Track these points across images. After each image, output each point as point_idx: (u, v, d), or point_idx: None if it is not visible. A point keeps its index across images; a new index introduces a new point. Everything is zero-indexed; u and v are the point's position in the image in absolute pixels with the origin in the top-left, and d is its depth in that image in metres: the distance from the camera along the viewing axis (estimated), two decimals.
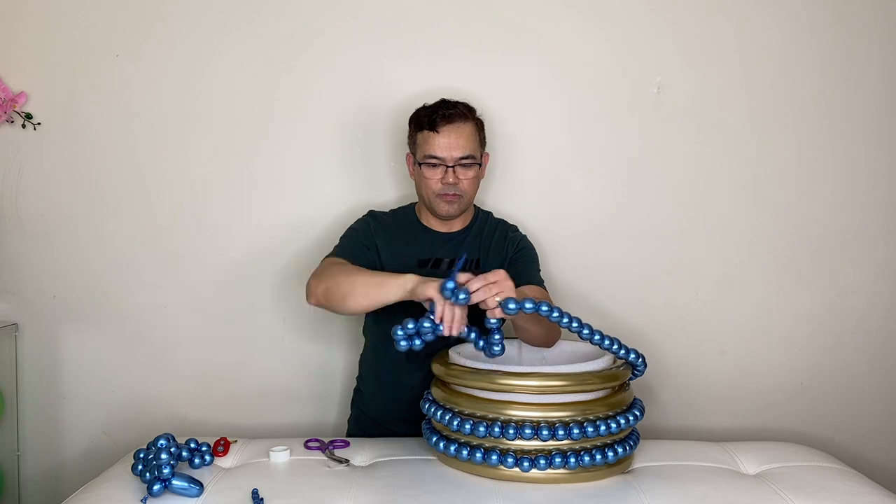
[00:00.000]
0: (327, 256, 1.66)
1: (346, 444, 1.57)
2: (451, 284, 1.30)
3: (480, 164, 1.70)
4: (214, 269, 2.01)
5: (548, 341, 1.61)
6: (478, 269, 1.71)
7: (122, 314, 2.00)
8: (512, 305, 1.29)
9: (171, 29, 1.95)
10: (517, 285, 1.45)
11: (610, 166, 2.02)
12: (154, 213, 1.99)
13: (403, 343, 1.34)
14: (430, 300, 1.34)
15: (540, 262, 1.77)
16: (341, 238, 1.72)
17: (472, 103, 1.97)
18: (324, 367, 2.02)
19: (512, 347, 1.63)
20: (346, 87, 1.97)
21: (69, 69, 1.96)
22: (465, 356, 1.47)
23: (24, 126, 1.95)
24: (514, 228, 1.82)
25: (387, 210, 1.82)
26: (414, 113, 1.71)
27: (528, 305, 1.29)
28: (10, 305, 2.00)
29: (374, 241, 1.70)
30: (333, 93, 1.97)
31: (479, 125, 1.71)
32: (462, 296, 1.30)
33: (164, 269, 2.00)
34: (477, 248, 1.74)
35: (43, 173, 1.98)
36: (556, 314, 1.33)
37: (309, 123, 1.98)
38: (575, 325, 1.36)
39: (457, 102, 1.68)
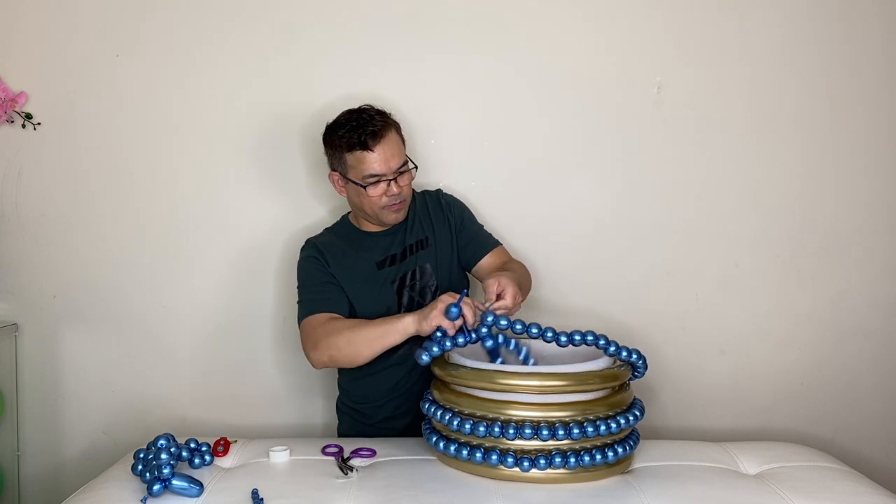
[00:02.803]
0: (302, 317, 1.64)
1: (373, 453, 1.52)
2: (455, 310, 1.42)
3: (416, 166, 1.69)
4: (215, 268, 2.01)
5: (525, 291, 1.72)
6: (424, 248, 1.73)
7: (122, 314, 2.01)
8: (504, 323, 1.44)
9: (171, 29, 1.95)
10: (480, 257, 1.75)
11: (610, 166, 2.02)
12: (154, 212, 1.99)
13: (426, 358, 1.44)
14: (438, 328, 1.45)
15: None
16: (301, 289, 1.69)
17: (471, 105, 1.99)
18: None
19: (512, 347, 1.64)
20: (339, 87, 1.97)
21: (69, 69, 1.96)
22: (465, 356, 1.47)
23: (24, 126, 1.95)
24: (440, 192, 1.85)
25: (320, 231, 1.80)
26: (332, 134, 1.65)
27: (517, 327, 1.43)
28: (10, 305, 2.00)
29: (327, 269, 1.69)
30: (323, 93, 1.97)
31: (398, 127, 1.68)
32: (490, 318, 1.43)
33: (164, 269, 2.00)
34: (421, 228, 1.76)
35: (43, 173, 1.98)
36: (550, 334, 1.43)
37: (303, 123, 1.98)
38: (549, 334, 1.43)
39: (371, 113, 1.63)
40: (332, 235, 1.77)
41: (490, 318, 1.43)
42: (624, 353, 1.43)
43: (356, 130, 1.60)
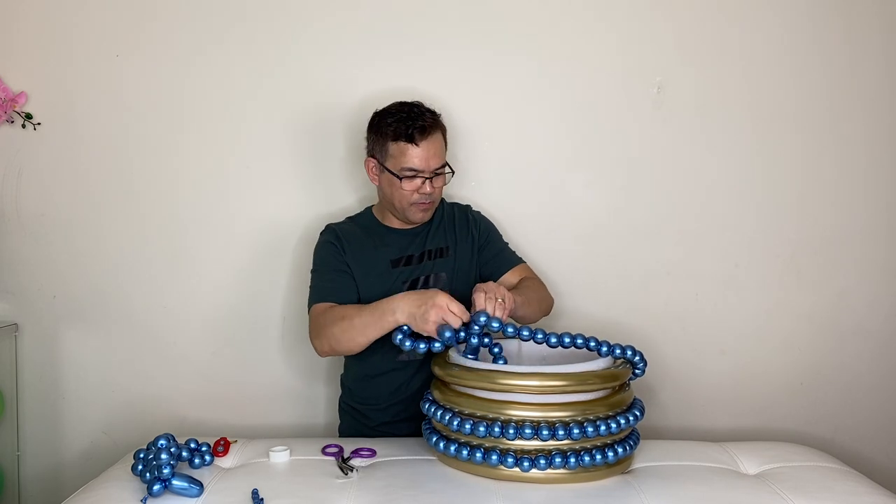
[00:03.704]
0: (310, 304, 1.65)
1: (373, 453, 1.52)
2: (448, 334, 1.42)
3: (452, 172, 1.70)
4: (214, 268, 2.01)
5: (544, 314, 1.77)
6: (443, 257, 1.73)
7: (122, 314, 2.01)
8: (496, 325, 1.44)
9: (171, 29, 1.95)
10: (501, 274, 1.75)
11: (610, 166, 2.02)
12: (154, 212, 1.99)
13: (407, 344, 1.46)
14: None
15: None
16: (314, 273, 1.70)
17: (472, 105, 1.98)
18: (324, 366, 2.02)
19: (511, 346, 1.64)
20: (343, 87, 1.97)
21: (69, 69, 1.96)
22: (465, 356, 1.47)
23: (24, 126, 1.95)
24: (469, 208, 1.85)
25: (342, 219, 1.80)
26: (380, 120, 1.65)
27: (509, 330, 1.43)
28: (10, 305, 2.00)
29: (343, 258, 1.69)
30: (326, 93, 1.97)
31: (444, 130, 1.69)
32: (482, 319, 1.43)
33: (164, 268, 2.00)
34: (443, 236, 1.76)
35: (43, 173, 1.98)
36: (539, 336, 1.42)
37: (304, 122, 1.98)
38: (554, 339, 1.43)
39: (423, 110, 1.64)
40: (353, 224, 1.77)
41: (483, 319, 1.42)
42: (618, 352, 1.44)
43: (405, 122, 1.61)
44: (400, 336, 1.47)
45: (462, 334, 1.44)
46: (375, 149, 1.68)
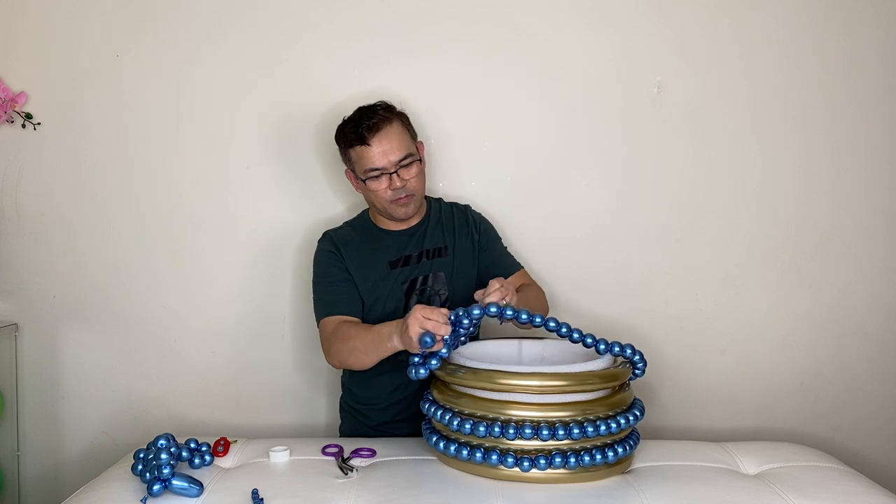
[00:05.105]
0: (318, 318, 1.67)
1: (373, 453, 1.52)
2: (428, 339, 1.36)
3: (420, 160, 1.69)
4: (214, 268, 2.01)
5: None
6: (441, 256, 1.73)
7: (122, 314, 2.01)
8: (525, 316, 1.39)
9: (171, 29, 1.95)
10: (502, 276, 1.62)
11: (610, 166, 2.02)
12: (154, 212, 1.99)
13: (413, 375, 1.42)
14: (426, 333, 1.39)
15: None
16: (316, 285, 1.70)
17: (471, 106, 1.99)
18: (324, 367, 2.02)
19: (511, 347, 1.64)
20: (344, 88, 1.97)
21: (69, 69, 1.96)
22: (464, 356, 1.47)
23: (24, 126, 1.96)
24: (468, 207, 1.85)
25: (340, 224, 1.81)
26: (338, 131, 1.68)
27: (536, 319, 1.38)
28: (10, 305, 2.00)
29: (343, 265, 1.69)
30: (326, 95, 1.97)
31: (405, 119, 1.69)
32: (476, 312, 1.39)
33: (165, 268, 2.00)
34: (441, 236, 1.76)
35: (43, 173, 1.98)
36: (552, 324, 1.40)
37: (304, 123, 1.98)
38: (564, 330, 1.40)
39: (374, 107, 1.65)
40: (350, 230, 1.78)
41: (476, 312, 1.38)
42: (616, 349, 1.43)
43: (356, 125, 1.62)
44: (413, 371, 1.42)
45: (449, 337, 1.40)
46: (345, 159, 1.70)
